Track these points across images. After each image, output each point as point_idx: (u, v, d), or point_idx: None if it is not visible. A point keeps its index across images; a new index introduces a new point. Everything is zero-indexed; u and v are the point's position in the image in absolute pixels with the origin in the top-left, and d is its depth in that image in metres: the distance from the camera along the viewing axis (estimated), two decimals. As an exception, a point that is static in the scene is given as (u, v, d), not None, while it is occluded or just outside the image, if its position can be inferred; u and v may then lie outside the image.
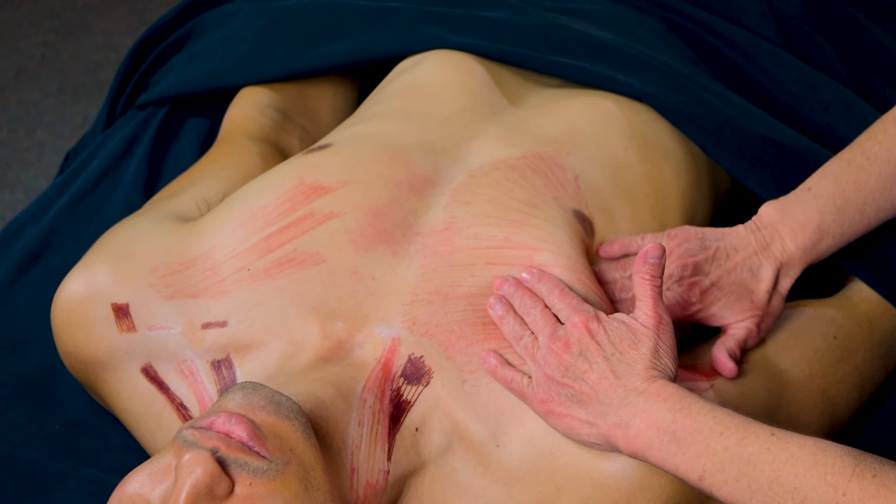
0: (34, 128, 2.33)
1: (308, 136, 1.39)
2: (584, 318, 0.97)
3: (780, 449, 0.85)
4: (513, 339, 1.00)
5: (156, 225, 1.12)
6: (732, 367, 1.03)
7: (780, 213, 1.08)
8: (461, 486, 0.98)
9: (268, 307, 1.03)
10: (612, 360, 0.94)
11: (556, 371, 0.95)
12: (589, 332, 0.96)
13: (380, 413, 0.98)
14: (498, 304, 1.01)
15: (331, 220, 1.06)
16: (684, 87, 1.26)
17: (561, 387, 0.95)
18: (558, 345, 0.96)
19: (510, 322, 1.00)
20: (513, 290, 1.02)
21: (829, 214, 1.06)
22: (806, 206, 1.07)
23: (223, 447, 0.85)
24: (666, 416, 0.90)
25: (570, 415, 0.94)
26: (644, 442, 0.90)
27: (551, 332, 0.97)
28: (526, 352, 0.98)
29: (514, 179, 1.10)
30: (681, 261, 1.06)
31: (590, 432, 0.94)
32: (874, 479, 0.81)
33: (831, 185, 1.07)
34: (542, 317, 0.99)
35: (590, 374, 0.94)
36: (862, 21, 1.42)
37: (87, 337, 1.07)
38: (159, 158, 1.42)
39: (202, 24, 1.52)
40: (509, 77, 1.28)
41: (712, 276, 1.05)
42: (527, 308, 1.00)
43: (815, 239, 1.07)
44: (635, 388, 0.92)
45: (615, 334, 0.96)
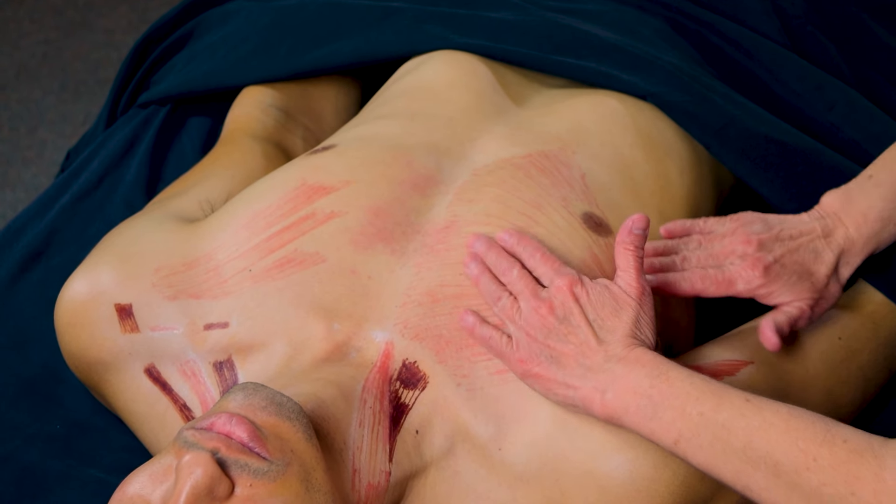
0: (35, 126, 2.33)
1: (311, 136, 1.38)
2: (569, 281, 0.97)
3: (753, 414, 0.86)
4: (491, 300, 1.00)
5: (159, 225, 1.11)
6: (776, 342, 1.03)
7: (843, 201, 1.08)
8: (465, 489, 0.98)
9: (268, 308, 1.03)
10: (594, 325, 0.95)
11: (539, 332, 0.96)
12: (573, 296, 0.96)
13: (380, 414, 0.97)
14: (473, 263, 1.01)
15: (332, 219, 1.06)
16: (688, 87, 1.25)
17: (542, 347, 0.95)
18: (542, 306, 0.96)
19: (486, 282, 1.00)
20: (485, 249, 1.02)
21: (891, 202, 1.07)
22: (867, 194, 1.07)
23: (224, 448, 0.85)
24: (644, 382, 0.90)
25: (548, 376, 0.95)
26: (621, 406, 0.91)
27: (533, 293, 0.98)
28: (505, 313, 0.98)
29: (520, 178, 1.10)
30: (744, 237, 1.06)
31: (566, 394, 0.94)
32: (845, 444, 0.82)
33: (892, 173, 1.07)
34: (521, 278, 0.99)
35: (572, 336, 0.95)
36: (865, 20, 1.41)
37: (90, 338, 1.06)
38: (161, 158, 1.42)
39: (203, 23, 1.52)
40: (513, 77, 1.28)
41: (776, 252, 1.05)
42: (503, 268, 1.00)
43: (878, 227, 1.07)
44: (615, 354, 0.93)
45: (598, 299, 0.96)
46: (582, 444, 0.96)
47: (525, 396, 0.98)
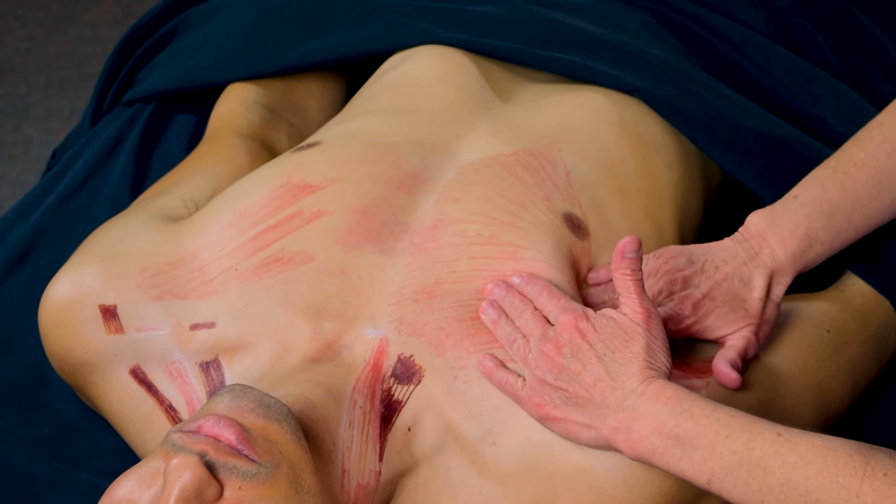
0: (20, 122, 2.32)
1: (296, 133, 1.38)
2: (573, 317, 0.95)
3: (788, 451, 0.84)
4: (506, 343, 0.99)
5: (143, 224, 1.11)
6: (735, 378, 1.01)
7: (768, 221, 1.07)
8: (456, 486, 0.98)
9: (255, 308, 1.02)
10: (605, 360, 0.93)
11: (549, 374, 0.94)
12: (579, 332, 0.95)
13: (370, 414, 0.97)
14: (490, 308, 1.00)
15: (318, 218, 1.06)
16: (675, 81, 1.25)
17: (555, 390, 0.94)
18: (549, 347, 0.95)
19: (503, 325, 0.99)
20: (503, 294, 1.01)
21: (816, 221, 1.06)
22: (793, 213, 1.06)
23: (212, 451, 0.85)
24: (668, 420, 0.89)
25: (567, 418, 0.93)
26: (647, 447, 0.89)
27: (541, 335, 0.96)
28: (519, 355, 0.97)
29: (505, 177, 1.10)
30: (669, 276, 1.05)
31: (588, 435, 0.93)
32: (885, 478, 0.81)
33: (818, 193, 1.06)
34: (532, 319, 0.98)
35: (584, 375, 0.93)
36: (853, 11, 1.41)
37: (75, 339, 1.06)
38: (146, 156, 1.41)
39: (188, 19, 1.51)
40: (499, 72, 1.27)
41: (703, 288, 1.04)
42: (517, 311, 0.99)
43: (804, 246, 1.06)
44: (633, 389, 0.91)
45: (606, 332, 0.94)
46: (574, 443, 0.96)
47: None
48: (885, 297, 1.17)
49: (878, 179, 1.06)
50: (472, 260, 1.03)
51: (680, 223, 1.19)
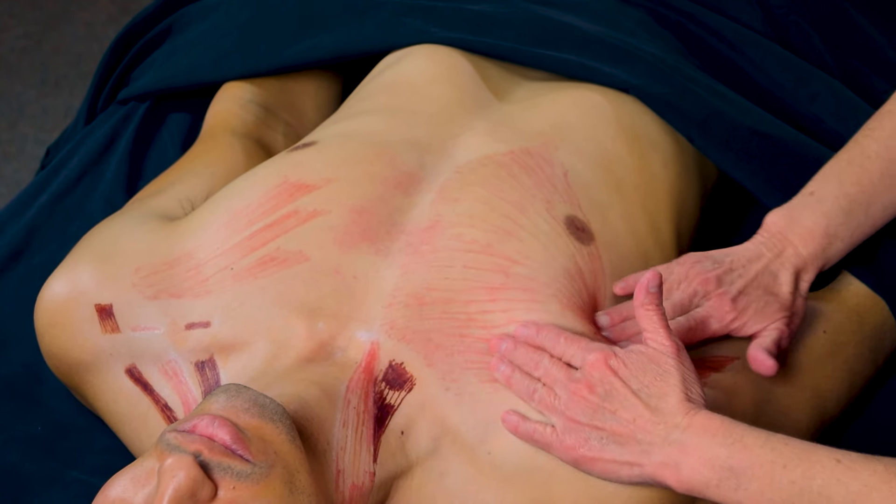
0: (16, 120, 2.32)
1: (291, 132, 1.38)
2: (602, 356, 0.94)
3: (850, 479, 0.83)
4: (526, 396, 0.96)
5: (139, 224, 1.11)
6: (772, 364, 1.00)
7: (787, 220, 1.06)
8: (452, 490, 0.97)
9: (250, 307, 1.02)
10: (641, 396, 0.92)
11: (583, 415, 0.92)
12: (610, 370, 0.93)
13: (364, 414, 0.97)
14: (501, 364, 0.98)
15: (314, 218, 1.05)
16: (671, 79, 1.25)
17: (591, 430, 0.92)
18: (580, 387, 0.93)
19: (519, 379, 0.97)
20: (511, 348, 0.98)
21: (835, 218, 1.05)
22: (811, 211, 1.06)
23: (206, 451, 0.85)
24: (720, 452, 0.87)
25: (605, 458, 0.92)
26: (700, 480, 0.88)
27: (568, 378, 0.94)
28: (543, 404, 0.95)
29: (503, 177, 1.09)
30: (700, 277, 1.03)
31: (631, 473, 0.91)
32: None
33: (834, 188, 1.06)
34: (552, 366, 0.96)
35: (621, 413, 0.91)
36: (848, 10, 1.41)
37: (70, 338, 1.06)
38: (141, 154, 1.41)
39: (183, 18, 1.51)
40: (494, 71, 1.27)
41: (737, 284, 1.03)
42: (533, 362, 0.97)
43: (825, 244, 1.05)
44: (676, 424, 0.90)
45: (637, 367, 0.93)
46: None
47: (514, 404, 0.97)
48: (882, 297, 1.17)
49: (893, 171, 1.05)
50: (466, 269, 1.03)
51: (677, 221, 1.19)
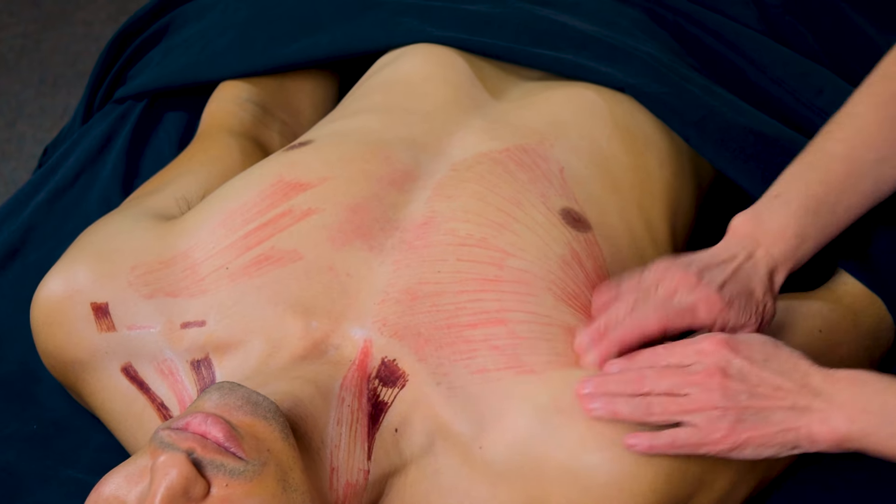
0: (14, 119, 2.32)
1: (288, 131, 1.38)
2: (717, 339, 0.94)
3: None
4: (643, 415, 0.94)
5: (135, 223, 1.11)
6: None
7: (754, 223, 1.06)
8: (445, 487, 0.97)
9: (245, 306, 1.02)
10: (770, 367, 0.92)
11: (725, 400, 0.92)
12: (731, 349, 0.93)
13: (358, 412, 0.97)
14: (597, 402, 0.95)
15: (309, 216, 1.05)
16: (667, 78, 1.25)
17: (739, 411, 0.92)
18: (710, 375, 0.93)
19: (624, 403, 0.95)
20: (601, 384, 0.96)
21: (802, 219, 1.05)
22: (778, 213, 1.05)
23: (199, 448, 0.85)
24: (874, 399, 0.89)
25: (761, 433, 0.92)
26: (859, 431, 0.89)
27: (687, 374, 0.94)
28: (670, 412, 0.94)
29: (498, 174, 1.09)
30: (679, 275, 1.01)
31: (784, 440, 0.92)
32: None
33: (800, 190, 1.06)
34: (661, 374, 0.95)
35: (761, 387, 0.92)
36: (844, 10, 1.41)
37: (66, 337, 1.06)
38: (137, 153, 1.41)
39: (180, 16, 1.51)
40: (491, 70, 1.27)
41: (717, 278, 1.02)
42: (635, 381, 0.95)
43: (795, 244, 1.05)
44: (818, 384, 0.91)
45: (752, 343, 0.94)
46: (564, 441, 0.95)
47: (506, 395, 0.97)
48: (877, 294, 1.17)
49: (857, 171, 1.06)
50: (459, 262, 1.02)
51: (672, 220, 1.19)
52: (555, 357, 0.99)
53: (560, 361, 0.99)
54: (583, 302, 1.03)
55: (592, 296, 1.04)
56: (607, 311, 1.01)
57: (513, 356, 0.98)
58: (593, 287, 1.04)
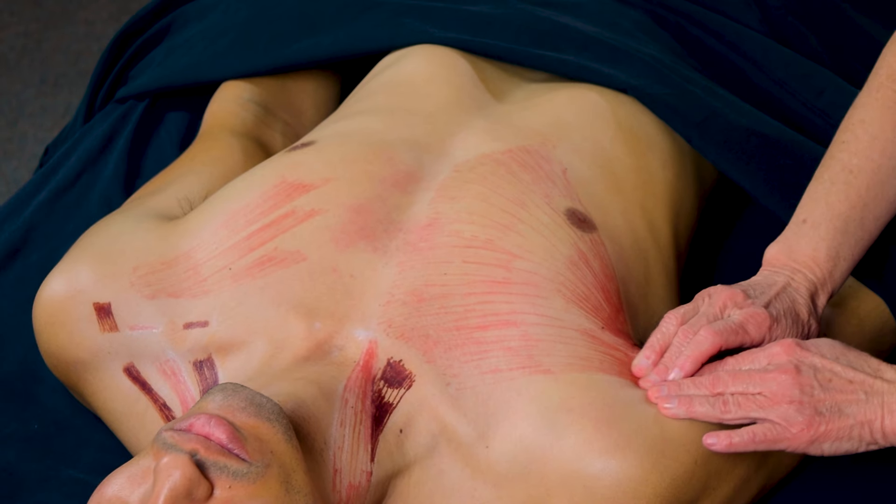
0: (16, 119, 2.32)
1: (290, 131, 1.38)
2: (787, 342, 0.95)
3: None
4: (719, 413, 0.95)
5: (137, 223, 1.11)
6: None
7: (787, 253, 1.05)
8: (449, 488, 0.97)
9: (248, 307, 1.02)
10: (842, 362, 0.94)
11: (802, 395, 0.93)
12: (802, 348, 0.95)
13: (362, 413, 0.97)
14: (670, 401, 0.97)
15: (312, 217, 1.05)
16: (669, 79, 1.25)
17: (816, 403, 0.93)
18: (786, 375, 0.94)
19: (701, 402, 0.96)
20: (677, 386, 0.97)
21: (834, 240, 1.05)
22: (808, 239, 1.05)
23: (202, 450, 0.85)
24: None
25: (840, 425, 0.93)
26: None
27: (764, 373, 0.95)
28: (746, 408, 0.95)
29: (501, 175, 1.09)
30: (726, 292, 1.01)
31: (861, 434, 0.93)
32: None
33: (825, 210, 1.05)
34: (736, 374, 0.96)
35: (835, 381, 0.93)
36: (847, 10, 1.41)
37: (69, 337, 1.06)
38: (139, 153, 1.41)
39: (182, 16, 1.51)
40: (493, 72, 1.27)
41: (762, 299, 1.02)
42: (710, 382, 0.96)
43: (830, 267, 1.05)
44: (892, 376, 0.93)
45: (821, 344, 0.95)
46: (568, 444, 0.95)
47: (515, 394, 0.97)
48: (882, 298, 1.17)
49: (879, 180, 1.05)
50: (466, 264, 1.02)
51: (674, 222, 1.18)
52: (577, 360, 0.99)
53: (582, 365, 0.99)
54: (593, 304, 1.03)
55: (602, 296, 1.04)
56: (660, 328, 1.01)
57: (528, 357, 0.98)
58: (602, 288, 1.04)
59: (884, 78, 1.09)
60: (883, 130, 1.06)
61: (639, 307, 1.08)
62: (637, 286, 1.09)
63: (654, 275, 1.12)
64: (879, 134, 1.06)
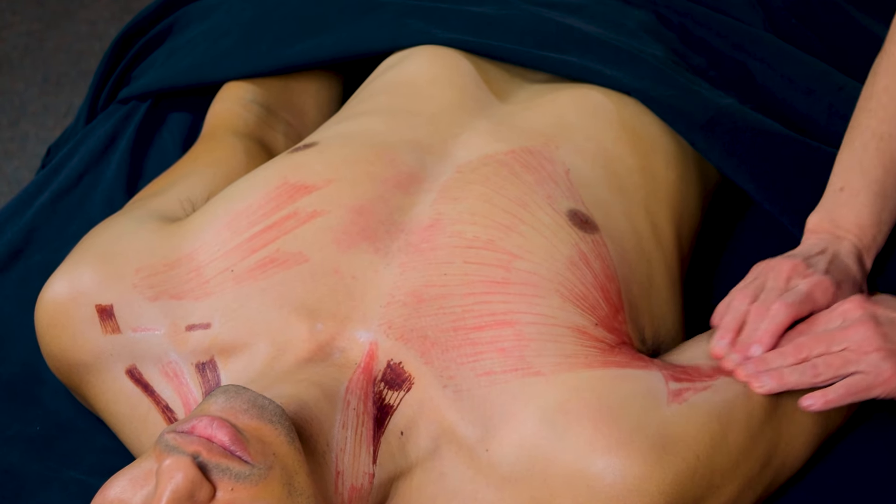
0: (17, 118, 2.32)
1: (293, 132, 1.37)
2: (855, 300, 0.98)
3: None
4: (810, 377, 0.97)
5: (140, 225, 1.11)
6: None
7: (830, 221, 1.07)
8: (451, 490, 0.97)
9: (250, 309, 1.02)
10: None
11: (886, 342, 0.95)
12: (871, 303, 0.98)
13: (364, 415, 0.97)
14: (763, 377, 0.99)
15: (314, 218, 1.05)
16: (672, 80, 1.24)
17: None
18: (866, 327, 0.96)
19: (789, 372, 0.98)
20: (762, 361, 0.99)
21: (875, 206, 1.07)
22: (850, 206, 1.07)
23: (204, 452, 0.84)
24: None
25: None
26: None
27: (841, 331, 0.97)
28: (834, 367, 0.97)
29: (504, 175, 1.09)
30: (787, 264, 1.04)
31: None
32: None
33: (861, 177, 1.07)
34: (815, 337, 0.98)
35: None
36: (850, 11, 1.40)
37: (71, 339, 1.06)
38: (141, 154, 1.41)
39: (184, 17, 1.51)
40: (496, 73, 1.27)
41: (821, 266, 1.04)
42: (793, 351, 0.98)
43: (874, 232, 1.07)
44: None
45: (884, 298, 0.99)
46: (570, 444, 0.95)
47: (512, 397, 0.97)
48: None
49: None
50: (466, 265, 1.02)
51: (678, 223, 1.18)
52: (563, 359, 0.98)
53: (569, 363, 0.98)
54: (591, 303, 1.03)
55: (602, 297, 1.04)
56: (732, 308, 1.03)
57: (519, 358, 0.98)
58: (601, 288, 1.04)
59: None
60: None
61: (641, 308, 1.08)
62: (639, 287, 1.09)
63: (657, 276, 1.12)
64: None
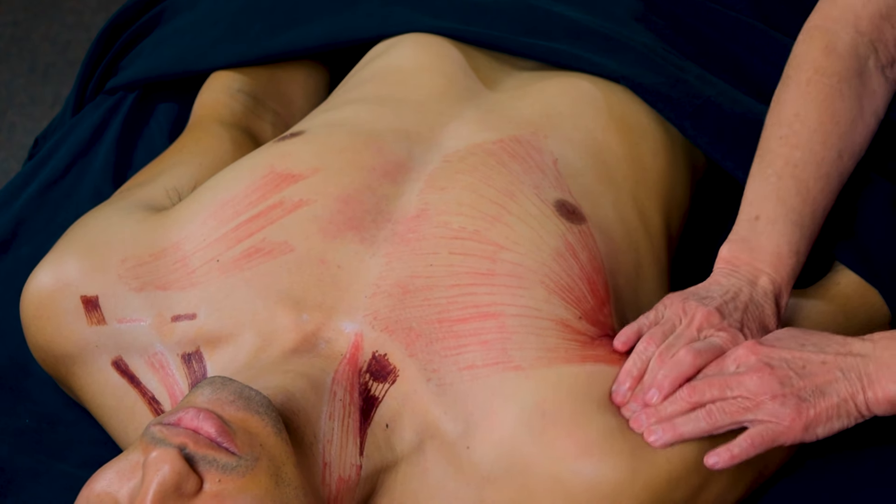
0: (4, 109, 2.31)
1: (280, 121, 1.37)
2: (747, 345, 0.95)
3: None
4: (708, 427, 0.95)
5: (126, 215, 1.10)
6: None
7: (747, 252, 1.04)
8: (433, 487, 0.97)
9: (236, 299, 1.02)
10: (808, 349, 0.94)
11: (782, 386, 0.93)
12: (765, 346, 0.95)
13: (350, 406, 0.96)
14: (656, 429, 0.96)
15: (300, 208, 1.05)
16: (662, 68, 1.24)
17: (797, 391, 0.93)
18: (760, 373, 0.93)
19: (684, 421, 0.95)
20: (653, 411, 0.96)
21: (791, 235, 1.04)
22: (767, 235, 1.05)
23: (191, 444, 0.84)
24: None
25: (824, 406, 0.93)
26: None
27: (735, 376, 0.94)
28: (732, 413, 0.94)
29: (492, 165, 1.09)
30: (700, 312, 1.00)
31: (848, 410, 0.93)
32: None
33: (778, 206, 1.05)
34: (710, 382, 0.95)
35: (807, 366, 0.93)
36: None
37: (56, 330, 1.05)
38: (129, 144, 1.40)
39: (172, 7, 1.50)
40: (484, 60, 1.26)
41: (735, 317, 1.01)
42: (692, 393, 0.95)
43: (793, 263, 1.05)
44: (859, 348, 0.94)
45: (778, 336, 0.96)
46: (547, 447, 0.95)
47: (493, 394, 0.97)
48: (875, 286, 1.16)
49: (824, 172, 1.06)
50: (452, 255, 1.02)
51: (666, 211, 1.18)
52: (544, 353, 0.98)
53: (549, 358, 0.98)
54: (576, 295, 1.02)
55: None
56: (637, 352, 0.99)
57: (501, 351, 0.98)
58: (588, 279, 1.04)
59: (811, 72, 1.09)
60: (822, 123, 1.07)
61: (628, 299, 1.08)
62: (627, 278, 1.09)
63: (645, 266, 1.12)
64: (819, 126, 1.06)
